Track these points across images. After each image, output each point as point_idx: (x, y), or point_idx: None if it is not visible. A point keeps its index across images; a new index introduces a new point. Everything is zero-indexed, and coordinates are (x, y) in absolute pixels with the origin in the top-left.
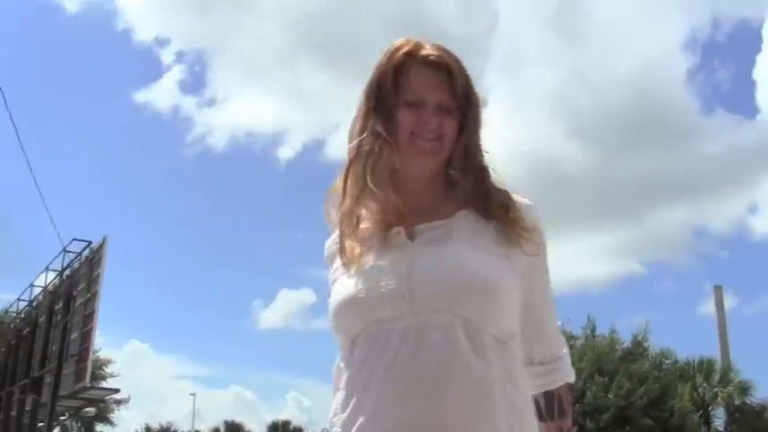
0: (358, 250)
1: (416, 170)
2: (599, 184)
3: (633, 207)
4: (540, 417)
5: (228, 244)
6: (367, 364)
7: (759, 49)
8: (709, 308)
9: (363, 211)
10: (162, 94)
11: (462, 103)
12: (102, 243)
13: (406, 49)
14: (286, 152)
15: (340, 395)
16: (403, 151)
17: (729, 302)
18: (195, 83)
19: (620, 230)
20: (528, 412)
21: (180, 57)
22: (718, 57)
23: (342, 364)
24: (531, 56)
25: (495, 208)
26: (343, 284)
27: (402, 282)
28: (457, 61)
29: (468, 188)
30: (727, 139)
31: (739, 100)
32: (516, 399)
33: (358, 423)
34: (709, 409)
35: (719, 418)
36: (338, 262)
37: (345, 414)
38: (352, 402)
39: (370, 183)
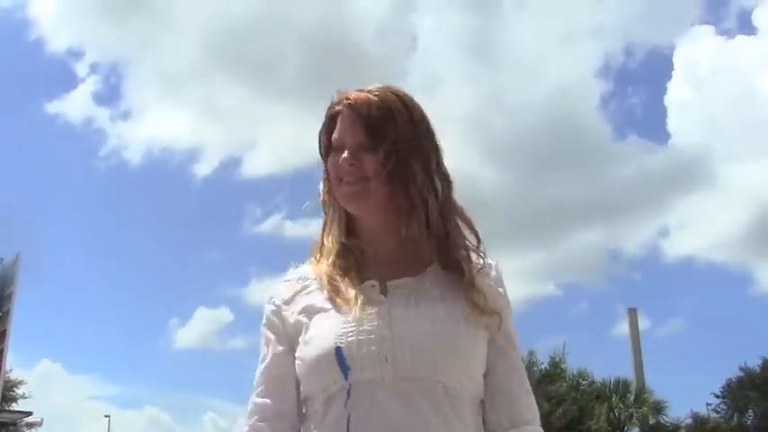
0: (342, 291)
1: (353, 212)
2: (514, 207)
3: (548, 230)
4: None
5: (144, 261)
6: (351, 422)
7: (670, 77)
8: (623, 329)
9: (336, 264)
10: (75, 105)
11: (378, 140)
12: (16, 260)
13: (337, 98)
14: (202, 168)
15: None
16: (338, 198)
17: (643, 324)
18: (110, 95)
19: (535, 253)
20: None
21: (94, 68)
22: (631, 83)
23: (307, 414)
24: (448, 77)
25: (458, 268)
26: (324, 335)
27: (384, 344)
28: (383, 99)
29: (416, 237)
30: (640, 163)
31: (651, 126)
32: None
33: None
34: (625, 428)
35: None
36: (304, 303)
37: None
38: None
39: (333, 242)
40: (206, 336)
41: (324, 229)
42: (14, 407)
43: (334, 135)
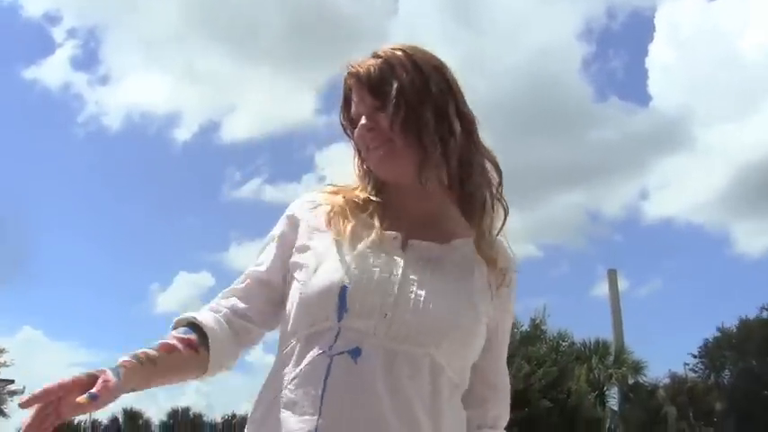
0: (350, 229)
1: (385, 177)
2: None
3: (529, 192)
4: None
5: (123, 227)
6: (332, 368)
7: (651, 39)
8: (602, 290)
9: (362, 207)
10: (52, 70)
11: (384, 95)
12: None
13: (347, 71)
14: (182, 133)
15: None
16: (371, 165)
17: (622, 285)
18: (88, 60)
19: (516, 215)
20: None
21: (72, 33)
22: (613, 46)
23: (284, 350)
24: (429, 40)
25: (485, 252)
26: (333, 267)
27: (388, 300)
28: (386, 58)
29: (435, 188)
30: (621, 125)
31: (632, 88)
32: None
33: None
34: (605, 389)
35: (614, 397)
36: (320, 226)
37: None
38: (299, 398)
39: (360, 196)
40: (187, 300)
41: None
42: None
43: (352, 109)
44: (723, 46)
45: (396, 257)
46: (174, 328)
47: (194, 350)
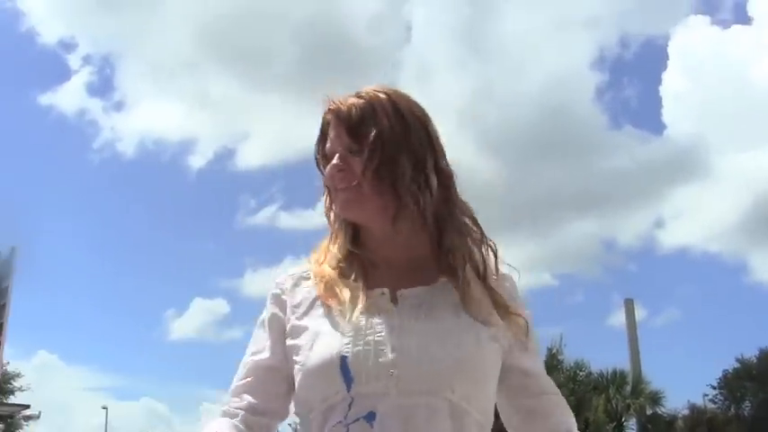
0: (349, 297)
1: (350, 219)
2: (509, 198)
3: (543, 220)
4: None
5: (139, 253)
6: None
7: (665, 67)
8: (619, 319)
9: (342, 269)
10: (68, 96)
11: (361, 139)
12: (12, 253)
13: (327, 107)
14: (196, 160)
15: None
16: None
17: (638, 314)
18: (103, 86)
19: (531, 244)
20: None
21: (87, 59)
22: (627, 74)
23: (303, 420)
24: (442, 68)
25: (452, 274)
26: (328, 341)
27: (391, 357)
28: (368, 99)
29: (407, 236)
30: (635, 154)
31: (646, 116)
32: None
33: None
34: (623, 420)
35: (632, 429)
36: (304, 309)
37: None
38: None
39: (337, 247)
40: (202, 327)
41: (329, 239)
42: (12, 399)
43: (327, 146)
44: (737, 74)
45: (388, 314)
46: None
47: None
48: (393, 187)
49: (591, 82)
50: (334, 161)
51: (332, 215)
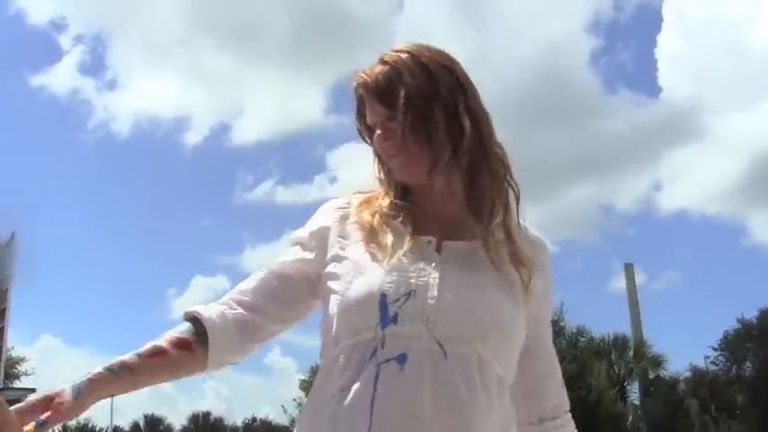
0: (391, 240)
1: (411, 181)
2: None
3: (541, 187)
4: None
5: (137, 233)
6: (380, 376)
7: (660, 29)
8: (619, 284)
9: (391, 215)
10: (60, 77)
11: (393, 103)
12: (12, 239)
13: (355, 81)
14: (192, 137)
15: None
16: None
17: (638, 278)
18: (95, 65)
19: (528, 210)
20: None
21: (78, 39)
22: (622, 38)
23: (328, 361)
24: (436, 36)
25: (513, 244)
26: (370, 276)
27: (430, 303)
28: (382, 67)
29: (446, 188)
30: (631, 117)
31: (642, 79)
32: None
33: None
34: (625, 384)
35: (635, 392)
36: (353, 237)
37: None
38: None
39: (387, 198)
40: (203, 304)
41: (379, 195)
42: (17, 384)
43: (368, 118)
44: (732, 35)
45: (432, 262)
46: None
47: (187, 350)
48: (428, 141)
49: (586, 46)
50: (378, 132)
51: (382, 177)
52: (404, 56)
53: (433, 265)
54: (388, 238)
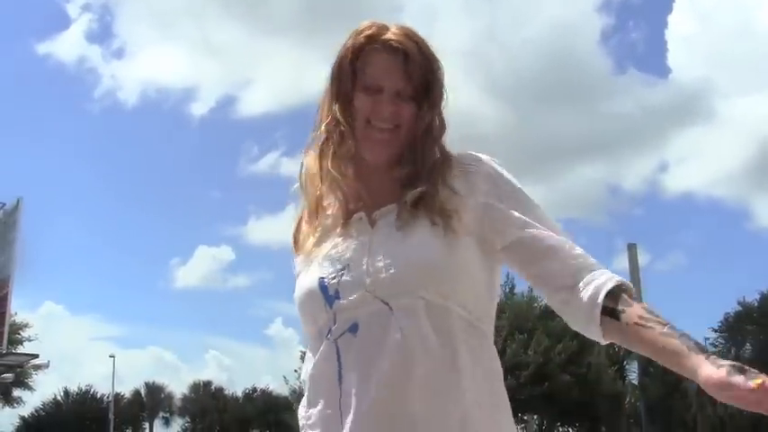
0: (312, 240)
1: (371, 159)
2: (514, 143)
3: (548, 166)
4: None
5: (142, 203)
6: (340, 348)
7: (671, 10)
8: (622, 264)
9: (329, 201)
10: (67, 45)
11: (420, 92)
12: (17, 205)
13: (368, 32)
14: (199, 108)
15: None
16: (358, 139)
17: (643, 259)
18: (102, 33)
19: (535, 188)
20: (501, 393)
21: (86, 7)
22: (632, 17)
23: (309, 354)
24: (446, 12)
25: (431, 175)
26: (304, 276)
27: (363, 269)
28: (420, 47)
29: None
30: (640, 98)
31: (651, 60)
32: (486, 380)
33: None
34: (624, 363)
35: (634, 371)
36: (303, 249)
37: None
38: (320, 399)
39: (331, 170)
40: (208, 274)
41: (320, 153)
42: (20, 349)
43: (370, 74)
44: (743, 18)
45: (366, 235)
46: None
47: None
48: (422, 138)
49: (596, 26)
50: (388, 102)
51: (333, 130)
52: (425, 43)
53: (365, 237)
54: (316, 234)
